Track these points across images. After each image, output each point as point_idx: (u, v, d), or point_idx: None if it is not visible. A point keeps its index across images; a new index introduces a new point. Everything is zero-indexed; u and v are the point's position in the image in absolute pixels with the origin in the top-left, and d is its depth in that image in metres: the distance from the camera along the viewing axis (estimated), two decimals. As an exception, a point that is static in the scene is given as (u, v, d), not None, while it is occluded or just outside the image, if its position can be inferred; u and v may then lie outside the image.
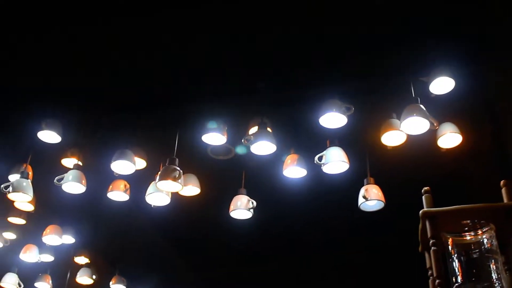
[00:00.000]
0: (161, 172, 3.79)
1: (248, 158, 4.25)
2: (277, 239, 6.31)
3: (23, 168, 4.28)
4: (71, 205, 4.99)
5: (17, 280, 5.86)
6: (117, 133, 4.34)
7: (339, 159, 3.77)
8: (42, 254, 5.58)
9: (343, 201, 4.66)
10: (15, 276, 5.87)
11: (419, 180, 3.16)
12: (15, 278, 5.85)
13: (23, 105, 4.33)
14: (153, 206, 4.17)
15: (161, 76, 4.03)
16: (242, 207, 4.17)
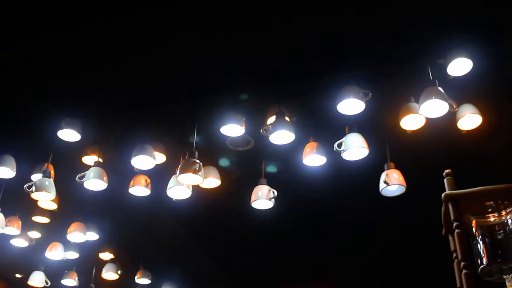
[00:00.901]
0: (181, 166, 3.79)
1: (267, 148, 4.24)
2: (299, 227, 6.31)
3: (45, 168, 4.32)
4: (93, 202, 5.03)
5: (44, 278, 5.94)
6: (136, 128, 4.36)
7: (358, 145, 3.76)
8: (67, 252, 5.65)
9: (364, 187, 4.64)
10: (42, 274, 5.95)
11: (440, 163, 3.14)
12: (42, 276, 5.93)
13: (42, 105, 4.36)
14: (174, 200, 4.18)
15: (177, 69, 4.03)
16: (263, 197, 4.17)
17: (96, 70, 4.04)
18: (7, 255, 6.05)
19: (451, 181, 2.23)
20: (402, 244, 6.36)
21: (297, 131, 3.83)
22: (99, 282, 6.25)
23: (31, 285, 6.00)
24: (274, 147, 3.98)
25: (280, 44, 3.77)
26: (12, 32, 3.70)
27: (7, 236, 5.18)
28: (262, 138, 4.00)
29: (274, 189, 4.20)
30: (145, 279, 6.28)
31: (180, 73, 4.05)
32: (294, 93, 4.06)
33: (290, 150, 4.10)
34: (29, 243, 5.64)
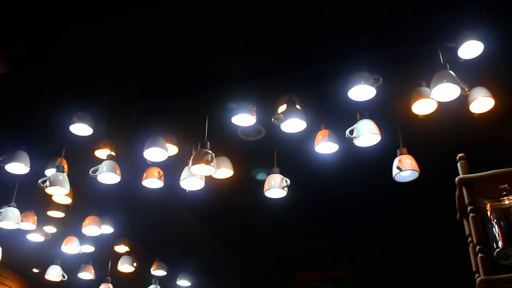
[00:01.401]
0: (193, 157, 3.80)
1: (279, 137, 4.24)
2: (313, 215, 6.31)
3: (58, 162, 4.34)
4: (107, 195, 5.06)
5: (61, 272, 5.99)
6: (148, 121, 4.37)
7: (370, 131, 3.74)
8: (83, 245, 5.68)
9: (377, 173, 4.64)
10: (58, 268, 6.00)
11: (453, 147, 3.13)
12: (59, 270, 5.98)
13: (54, 100, 4.38)
14: (188, 191, 4.19)
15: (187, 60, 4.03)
16: (276, 186, 4.17)
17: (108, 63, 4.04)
18: (23, 250, 6.09)
19: (464, 165, 2.22)
20: (416, 229, 6.34)
21: (309, 119, 3.82)
22: (115, 275, 6.29)
23: (48, 279, 6.05)
24: (286, 135, 3.98)
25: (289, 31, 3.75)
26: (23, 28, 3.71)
27: (23, 231, 5.22)
28: (273, 127, 3.99)
29: (287, 177, 4.20)
30: (161, 271, 6.31)
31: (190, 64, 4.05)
32: (305, 81, 4.05)
33: (302, 138, 4.09)
34: (45, 237, 5.68)
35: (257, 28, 3.73)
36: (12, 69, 4.04)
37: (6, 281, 7.52)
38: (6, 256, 5.32)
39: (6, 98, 4.39)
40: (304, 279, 7.33)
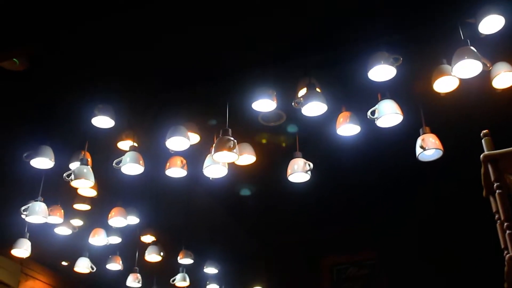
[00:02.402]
0: (215, 144, 3.81)
1: (300, 121, 4.23)
2: (337, 199, 6.30)
3: (82, 155, 4.38)
4: (131, 186, 5.09)
5: (89, 264, 6.05)
6: (168, 110, 4.38)
7: (392, 111, 3.72)
8: (110, 237, 5.74)
9: (400, 153, 4.62)
10: (87, 260, 6.06)
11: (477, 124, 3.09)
12: (87, 262, 6.05)
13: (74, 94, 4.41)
14: (211, 179, 4.21)
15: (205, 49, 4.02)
16: (299, 170, 4.17)
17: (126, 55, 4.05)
18: (52, 243, 6.18)
19: (489, 141, 2.21)
20: (442, 209, 6.31)
21: (329, 102, 3.80)
22: (142, 265, 6.35)
23: (77, 271, 6.13)
24: (307, 119, 3.96)
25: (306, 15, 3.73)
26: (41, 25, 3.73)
27: (50, 225, 5.29)
28: (294, 111, 3.98)
29: (309, 161, 4.19)
30: (187, 259, 6.34)
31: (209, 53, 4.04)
32: (324, 64, 4.02)
33: (323, 122, 4.08)
34: (72, 230, 5.75)
35: (274, 13, 3.70)
36: (32, 65, 4.07)
37: (37, 274, 7.63)
38: (35, 250, 5.40)
39: (27, 95, 4.44)
40: (330, 262, 7.33)
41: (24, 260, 6.82)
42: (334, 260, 7.32)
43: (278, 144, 4.97)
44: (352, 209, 6.53)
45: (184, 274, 6.59)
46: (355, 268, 7.21)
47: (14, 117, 4.66)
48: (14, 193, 5.51)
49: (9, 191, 5.61)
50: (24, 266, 7.35)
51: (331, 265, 7.31)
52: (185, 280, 6.58)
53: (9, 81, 4.23)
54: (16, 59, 3.96)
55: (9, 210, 5.37)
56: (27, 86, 4.33)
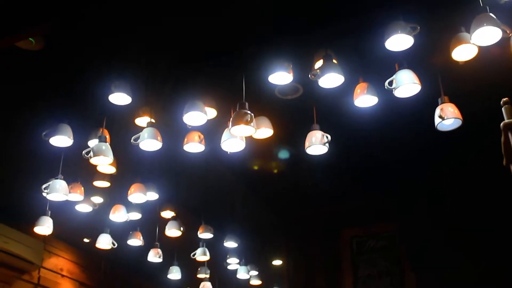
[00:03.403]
0: (233, 118, 3.80)
1: (317, 93, 4.21)
2: (356, 170, 6.28)
3: (100, 133, 4.40)
4: (150, 162, 5.12)
5: (110, 240, 6.12)
6: (185, 85, 4.38)
7: (410, 81, 3.68)
8: (130, 213, 5.78)
9: (419, 124, 4.58)
10: (108, 237, 6.13)
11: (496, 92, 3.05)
12: (108, 238, 6.11)
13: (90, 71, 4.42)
14: (229, 153, 4.21)
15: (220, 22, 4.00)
16: (317, 142, 4.15)
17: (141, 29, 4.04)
18: (73, 221, 6.24)
19: (509, 109, 2.17)
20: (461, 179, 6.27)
21: (346, 73, 3.77)
22: (163, 240, 6.40)
23: (99, 248, 6.20)
24: (324, 91, 3.94)
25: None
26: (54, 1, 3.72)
27: (71, 202, 5.34)
28: (311, 83, 3.96)
29: (327, 133, 4.18)
30: (207, 234, 6.38)
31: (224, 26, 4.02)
32: (340, 34, 3.98)
33: (340, 93, 4.05)
34: (92, 207, 5.81)
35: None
36: (48, 44, 4.08)
37: (59, 252, 7.73)
38: (57, 228, 5.46)
39: (44, 74, 4.45)
40: (350, 235, 7.35)
41: (47, 237, 6.92)
42: (353, 232, 7.34)
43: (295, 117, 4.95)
44: (370, 181, 6.51)
45: (204, 249, 6.64)
46: (374, 240, 7.23)
47: (31, 97, 4.69)
48: (34, 171, 5.57)
49: (30, 170, 5.67)
50: (47, 244, 7.44)
51: (350, 237, 7.33)
52: (206, 255, 6.63)
53: (26, 60, 4.25)
54: (32, 39, 3.96)
55: (30, 189, 5.44)
56: (43, 65, 4.34)
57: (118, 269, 8.77)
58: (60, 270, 7.70)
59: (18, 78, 4.47)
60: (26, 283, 7.07)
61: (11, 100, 4.72)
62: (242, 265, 7.74)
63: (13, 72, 4.40)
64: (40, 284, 7.28)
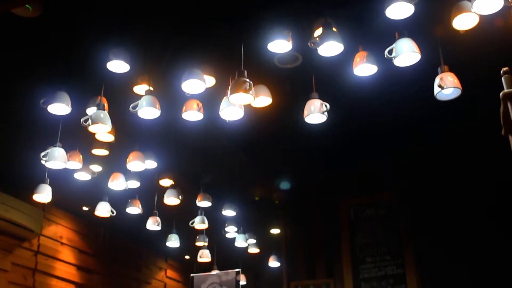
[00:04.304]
0: (231, 86, 3.79)
1: (316, 62, 4.18)
2: (355, 139, 6.28)
3: (98, 100, 4.39)
4: (148, 130, 5.12)
5: (109, 208, 6.14)
6: (183, 53, 4.35)
7: (410, 50, 3.66)
8: (128, 181, 5.80)
9: (418, 93, 4.57)
10: (107, 204, 6.15)
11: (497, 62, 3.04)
12: (107, 206, 6.14)
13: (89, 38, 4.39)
14: (227, 121, 4.20)
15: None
16: (316, 111, 4.14)
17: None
18: (72, 189, 6.27)
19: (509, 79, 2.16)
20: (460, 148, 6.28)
21: (346, 41, 3.75)
22: (162, 208, 6.43)
23: (98, 215, 6.23)
24: (323, 60, 3.92)
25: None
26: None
27: (70, 170, 5.35)
28: (310, 52, 3.94)
29: (326, 102, 4.17)
30: (206, 202, 6.40)
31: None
32: (340, 2, 3.95)
33: (340, 62, 4.03)
34: (91, 175, 5.82)
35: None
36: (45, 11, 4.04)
37: (59, 219, 7.78)
38: (56, 196, 5.47)
39: (42, 41, 4.42)
40: (348, 203, 7.38)
41: (46, 205, 6.96)
42: (351, 201, 7.37)
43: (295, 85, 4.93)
44: (369, 150, 6.52)
45: (202, 217, 6.67)
46: (372, 209, 7.26)
47: (29, 64, 4.66)
48: (33, 139, 5.57)
49: (28, 138, 5.68)
50: (47, 212, 7.49)
51: (348, 206, 7.36)
52: (204, 223, 6.67)
53: (24, 28, 4.22)
54: (29, 5, 3.92)
55: (29, 156, 5.44)
56: (41, 32, 4.31)
57: (117, 237, 8.85)
58: (59, 238, 7.76)
59: (16, 45, 4.44)
60: (26, 250, 7.13)
61: (8, 67, 4.69)
62: (240, 234, 7.80)
63: (10, 39, 4.36)
64: (40, 251, 7.34)
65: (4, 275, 6.70)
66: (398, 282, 6.74)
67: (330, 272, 7.23)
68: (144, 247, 9.60)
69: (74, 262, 7.98)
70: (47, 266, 7.44)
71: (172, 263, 10.56)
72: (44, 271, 7.36)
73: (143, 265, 9.72)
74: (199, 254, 7.85)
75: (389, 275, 6.83)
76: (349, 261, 7.07)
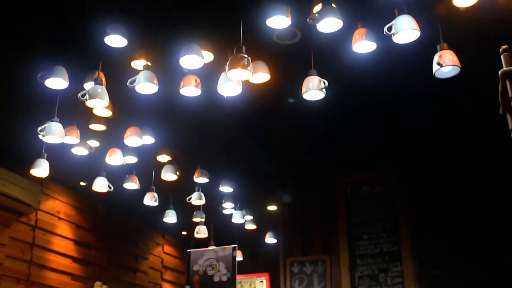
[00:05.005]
0: (229, 62, 3.77)
1: (315, 38, 4.16)
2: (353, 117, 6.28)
3: (95, 75, 4.37)
4: (146, 106, 5.11)
5: (107, 183, 6.15)
6: (182, 29, 4.32)
7: (409, 27, 3.64)
8: (126, 156, 5.79)
9: (417, 70, 4.55)
10: (104, 180, 6.15)
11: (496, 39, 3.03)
12: (105, 182, 6.14)
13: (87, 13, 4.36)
14: (225, 97, 4.19)
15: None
16: (314, 88, 4.13)
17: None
18: (70, 164, 6.28)
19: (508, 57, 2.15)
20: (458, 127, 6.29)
21: (345, 18, 3.73)
22: (159, 184, 6.44)
23: (96, 191, 6.24)
24: (322, 36, 3.90)
25: None
26: None
27: (67, 145, 5.35)
28: (309, 29, 3.92)
29: (324, 79, 4.16)
30: (203, 178, 6.42)
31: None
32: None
33: (339, 38, 4.01)
34: (89, 151, 5.82)
35: None
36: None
37: (56, 194, 7.80)
38: (54, 171, 5.48)
39: (40, 15, 4.39)
40: (345, 181, 7.40)
41: (44, 180, 6.97)
42: (348, 178, 7.39)
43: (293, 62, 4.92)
44: (367, 128, 6.52)
45: (199, 193, 6.70)
46: (369, 186, 7.28)
47: (27, 38, 4.64)
48: (30, 114, 5.57)
49: (26, 112, 5.67)
50: (44, 187, 7.50)
51: (345, 184, 7.38)
52: (201, 199, 6.69)
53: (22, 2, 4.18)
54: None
55: (26, 131, 5.43)
56: (39, 6, 4.28)
57: (114, 212, 8.87)
58: (57, 212, 7.78)
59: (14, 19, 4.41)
60: (23, 225, 7.16)
61: (6, 42, 4.66)
62: (237, 210, 7.83)
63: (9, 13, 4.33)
64: (37, 226, 7.37)
65: (2, 249, 6.74)
66: (394, 259, 6.78)
67: (326, 249, 7.27)
68: (141, 223, 9.63)
69: (71, 237, 8.01)
70: (45, 241, 7.47)
71: (169, 238, 10.61)
72: (41, 245, 7.39)
73: (140, 241, 9.77)
74: (196, 230, 7.88)
75: (385, 252, 6.88)
76: (345, 238, 7.11)
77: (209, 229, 8.01)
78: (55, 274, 7.58)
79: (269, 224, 9.01)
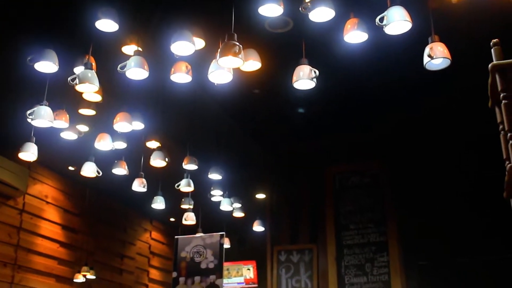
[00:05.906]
0: (221, 49, 3.76)
1: (307, 27, 4.16)
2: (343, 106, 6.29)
3: (86, 60, 4.34)
4: (136, 91, 5.10)
5: (95, 168, 6.12)
6: (173, 15, 4.31)
7: (401, 18, 3.64)
8: (115, 142, 5.77)
9: (408, 62, 4.57)
10: (93, 165, 6.13)
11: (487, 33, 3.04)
12: (93, 167, 6.11)
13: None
14: (216, 84, 4.19)
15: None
16: (305, 77, 4.13)
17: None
18: (58, 148, 6.25)
19: (498, 51, 2.16)
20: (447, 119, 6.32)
21: (337, 8, 3.72)
22: (148, 170, 6.43)
23: (84, 175, 6.21)
24: (314, 25, 3.90)
25: None
26: None
27: (56, 129, 5.32)
28: (301, 18, 3.91)
29: (315, 68, 4.16)
30: (192, 165, 6.41)
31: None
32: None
33: (330, 28, 4.01)
34: (78, 135, 5.79)
35: None
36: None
37: (44, 179, 7.77)
38: (42, 155, 5.45)
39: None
40: (334, 171, 7.44)
41: (32, 164, 6.94)
42: (337, 168, 7.42)
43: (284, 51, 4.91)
44: (357, 118, 6.54)
45: (188, 180, 6.68)
46: (357, 176, 7.32)
47: (17, 21, 4.60)
48: (19, 97, 5.53)
49: (14, 95, 5.63)
50: (32, 171, 7.48)
51: (334, 173, 7.41)
52: (190, 186, 6.68)
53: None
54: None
55: (15, 114, 5.41)
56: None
57: (102, 198, 8.86)
58: (45, 197, 7.76)
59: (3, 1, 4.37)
60: (11, 208, 7.14)
61: (-5, 23, 4.63)
62: (226, 197, 7.83)
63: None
64: (25, 210, 7.35)
65: (-12, 232, 6.72)
66: (380, 250, 6.84)
67: (314, 238, 7.31)
68: (130, 208, 9.63)
69: (59, 221, 8.00)
70: (32, 225, 7.46)
71: (157, 225, 10.61)
72: (29, 229, 7.38)
73: (128, 226, 9.77)
74: (184, 217, 7.87)
75: (372, 242, 6.93)
76: (332, 228, 7.16)
77: (197, 216, 8.00)
78: (42, 258, 7.57)
79: (257, 212, 9.01)
